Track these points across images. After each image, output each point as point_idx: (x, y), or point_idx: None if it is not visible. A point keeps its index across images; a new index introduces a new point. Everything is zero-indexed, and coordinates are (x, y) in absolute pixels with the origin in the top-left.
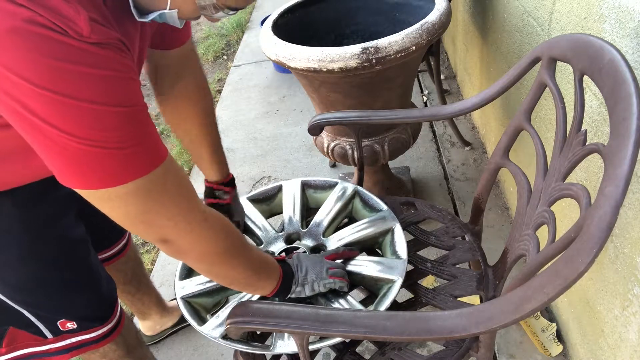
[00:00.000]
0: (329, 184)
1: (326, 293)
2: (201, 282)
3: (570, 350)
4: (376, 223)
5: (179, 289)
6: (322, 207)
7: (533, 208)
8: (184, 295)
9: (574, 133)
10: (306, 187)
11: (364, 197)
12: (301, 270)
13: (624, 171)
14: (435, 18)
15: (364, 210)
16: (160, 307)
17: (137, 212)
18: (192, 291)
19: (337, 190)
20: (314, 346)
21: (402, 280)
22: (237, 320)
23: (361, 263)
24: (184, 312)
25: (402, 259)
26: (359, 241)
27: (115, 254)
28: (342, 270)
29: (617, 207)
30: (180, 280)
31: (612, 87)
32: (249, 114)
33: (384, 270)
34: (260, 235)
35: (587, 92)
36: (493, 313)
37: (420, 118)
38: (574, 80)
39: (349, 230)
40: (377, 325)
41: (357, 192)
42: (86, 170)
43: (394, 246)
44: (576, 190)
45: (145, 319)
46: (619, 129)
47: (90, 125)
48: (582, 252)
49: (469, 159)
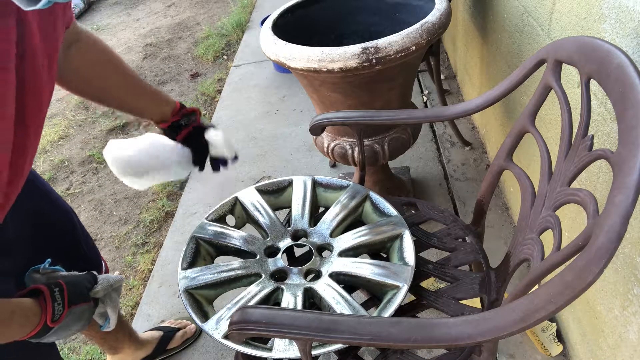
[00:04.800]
0: (341, 184)
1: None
2: (205, 273)
3: (570, 350)
4: (386, 227)
5: (182, 279)
6: (332, 207)
7: (537, 212)
8: (187, 286)
9: (579, 137)
10: (317, 184)
11: (375, 202)
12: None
13: (634, 180)
14: (435, 18)
15: (374, 214)
16: (132, 340)
17: None
18: (195, 283)
19: (349, 192)
20: (316, 351)
21: (407, 288)
22: (240, 327)
23: (367, 266)
24: (187, 307)
25: (410, 265)
26: (365, 245)
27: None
28: None
29: (627, 217)
30: (182, 269)
31: (620, 93)
32: (249, 114)
33: (390, 276)
34: (267, 227)
35: None
36: (499, 322)
37: (423, 119)
38: (580, 83)
39: (358, 232)
40: (382, 332)
41: (368, 196)
42: None
43: (402, 252)
44: (582, 196)
45: (116, 352)
46: (629, 136)
47: None
48: (592, 263)
49: (469, 159)
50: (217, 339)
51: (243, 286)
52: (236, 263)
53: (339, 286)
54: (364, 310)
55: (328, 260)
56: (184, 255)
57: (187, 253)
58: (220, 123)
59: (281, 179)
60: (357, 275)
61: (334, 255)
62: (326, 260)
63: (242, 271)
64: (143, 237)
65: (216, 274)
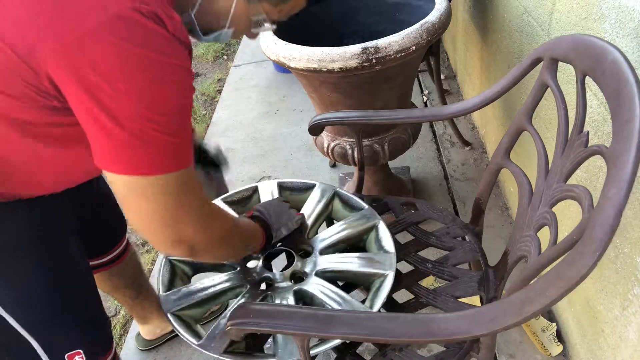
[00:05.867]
0: (307, 185)
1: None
2: (188, 293)
3: (570, 350)
4: (359, 221)
5: (165, 303)
6: (303, 209)
7: (534, 209)
8: (173, 309)
9: (575, 134)
10: (283, 189)
11: (344, 198)
12: (271, 217)
13: (627, 174)
14: (435, 18)
15: (344, 210)
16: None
17: (164, 209)
18: (180, 304)
19: (316, 192)
20: (315, 350)
21: (393, 274)
22: (239, 322)
23: (350, 260)
24: (177, 328)
25: (391, 252)
26: (343, 240)
27: (116, 257)
28: None
29: (620, 210)
30: (164, 292)
31: (615, 89)
32: (249, 114)
33: (375, 265)
34: None
35: (587, 92)
36: (495, 315)
37: (421, 118)
38: (575, 81)
39: (333, 230)
40: (378, 327)
41: (336, 193)
42: (136, 154)
43: (379, 242)
44: (578, 192)
45: (145, 323)
46: (622, 131)
47: (160, 107)
48: (585, 255)
49: (469, 159)
50: (218, 356)
51: (229, 299)
52: (217, 278)
53: (328, 283)
54: (358, 303)
55: (310, 261)
56: (161, 279)
57: (164, 276)
58: (220, 123)
59: (245, 187)
60: (342, 270)
61: (315, 255)
62: (308, 261)
63: (225, 284)
64: None
65: (199, 292)
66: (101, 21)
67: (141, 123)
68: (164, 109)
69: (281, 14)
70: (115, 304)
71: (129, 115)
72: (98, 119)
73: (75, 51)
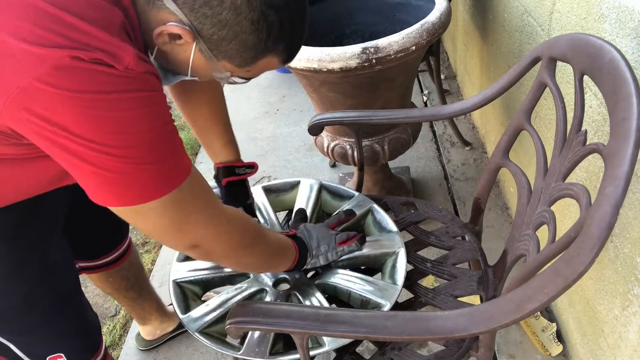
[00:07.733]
0: (291, 184)
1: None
2: (197, 269)
3: (570, 350)
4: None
5: (174, 271)
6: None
7: (533, 208)
8: (178, 278)
9: (574, 133)
10: (324, 189)
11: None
12: (312, 241)
13: (624, 171)
14: (435, 18)
15: (333, 200)
16: (160, 312)
17: (170, 222)
18: (187, 276)
19: (304, 187)
20: (314, 352)
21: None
22: (237, 320)
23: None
24: (171, 295)
25: (394, 230)
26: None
27: (117, 258)
28: (348, 232)
29: (617, 207)
30: (178, 261)
31: (612, 87)
32: (249, 114)
33: (384, 245)
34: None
35: (587, 92)
36: (493, 313)
37: (420, 118)
38: (574, 80)
39: None
40: (378, 325)
41: (322, 185)
42: (122, 187)
43: (379, 224)
44: (576, 190)
45: (145, 323)
46: (619, 128)
47: (125, 141)
48: (583, 252)
49: (469, 159)
50: (192, 333)
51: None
52: (232, 290)
53: (348, 270)
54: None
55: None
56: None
57: (178, 299)
58: None
59: (288, 180)
60: (355, 255)
61: None
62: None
63: (245, 292)
64: (143, 237)
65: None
66: (36, 75)
67: (113, 159)
68: (130, 141)
69: (250, 73)
70: (115, 304)
71: (97, 155)
72: (71, 161)
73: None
